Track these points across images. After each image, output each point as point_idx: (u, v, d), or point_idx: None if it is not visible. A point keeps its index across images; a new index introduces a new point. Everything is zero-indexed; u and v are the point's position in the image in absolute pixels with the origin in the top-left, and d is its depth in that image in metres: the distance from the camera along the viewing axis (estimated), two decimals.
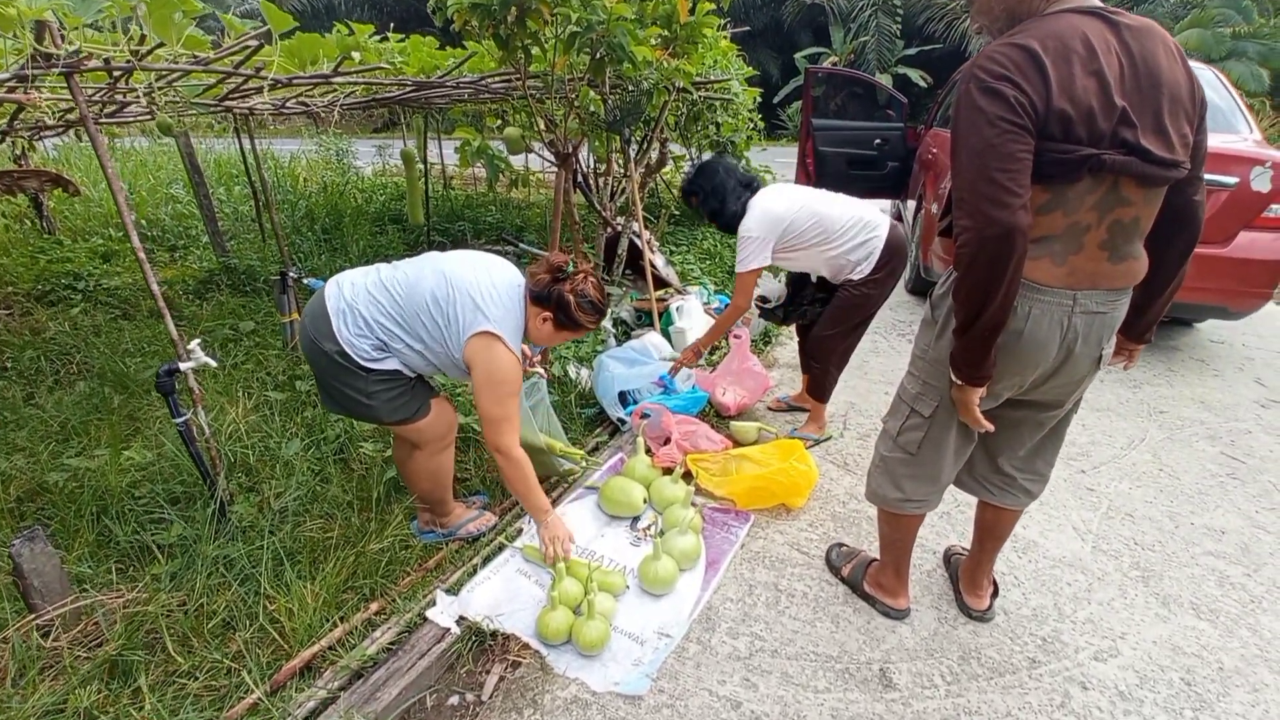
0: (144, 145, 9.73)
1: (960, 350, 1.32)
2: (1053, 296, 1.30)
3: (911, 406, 1.56)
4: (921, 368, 1.54)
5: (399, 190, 7.70)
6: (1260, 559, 2.14)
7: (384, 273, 1.80)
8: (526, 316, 1.81)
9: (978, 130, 1.17)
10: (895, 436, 1.62)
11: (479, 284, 1.73)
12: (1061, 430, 1.63)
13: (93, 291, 4.44)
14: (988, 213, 1.16)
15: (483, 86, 3.29)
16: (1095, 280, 1.29)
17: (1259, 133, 3.57)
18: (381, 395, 1.77)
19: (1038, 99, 1.14)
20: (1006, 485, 1.68)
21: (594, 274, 1.85)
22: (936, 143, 4.70)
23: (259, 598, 1.82)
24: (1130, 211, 1.25)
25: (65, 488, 2.24)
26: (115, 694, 1.56)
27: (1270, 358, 3.87)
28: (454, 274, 1.74)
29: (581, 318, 1.80)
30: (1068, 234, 1.26)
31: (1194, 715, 1.58)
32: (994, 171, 1.15)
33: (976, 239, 1.19)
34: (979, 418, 1.39)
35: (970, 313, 1.25)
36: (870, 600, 1.88)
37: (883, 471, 1.68)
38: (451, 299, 1.71)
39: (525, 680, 1.63)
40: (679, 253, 5.08)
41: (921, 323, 1.54)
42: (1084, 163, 1.17)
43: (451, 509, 2.11)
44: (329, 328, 1.71)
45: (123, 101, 2.81)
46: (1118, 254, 1.29)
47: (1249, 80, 12.45)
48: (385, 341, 1.73)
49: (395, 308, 1.73)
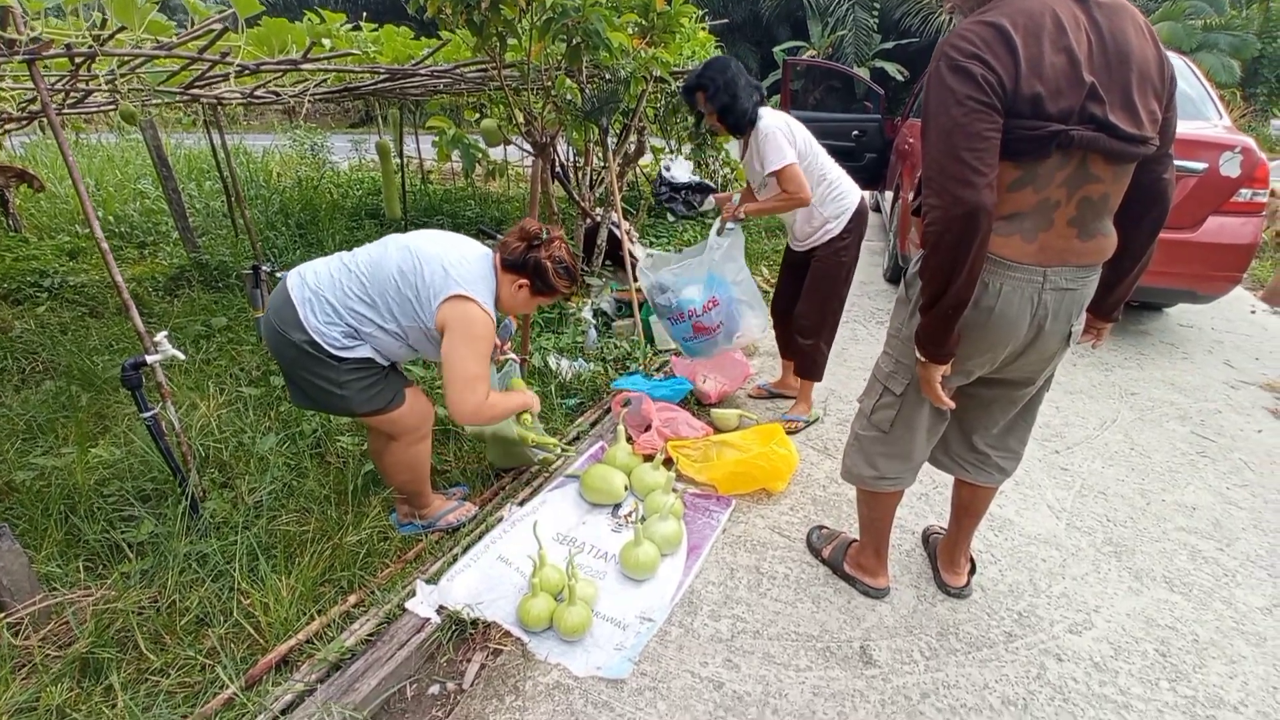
0: (110, 141, 9.50)
1: (924, 327, 1.34)
2: (1023, 273, 1.31)
3: (884, 385, 1.58)
4: (895, 346, 1.55)
5: (375, 184, 7.59)
6: (1233, 534, 2.19)
7: (345, 259, 1.77)
8: (499, 285, 1.81)
9: (946, 109, 1.18)
10: (869, 415, 1.64)
11: (446, 254, 1.73)
12: (1033, 408, 1.65)
13: (59, 289, 4.32)
14: (954, 192, 1.17)
15: (458, 75, 3.25)
16: (1065, 257, 1.31)
17: (1229, 120, 3.65)
18: (354, 384, 1.74)
19: (1007, 76, 1.15)
20: (981, 463, 1.70)
21: (565, 240, 1.87)
22: (913, 133, 4.73)
23: (233, 593, 1.79)
24: (1099, 188, 1.26)
25: (32, 486, 2.19)
26: (87, 692, 1.52)
27: (1239, 340, 3.96)
28: (419, 248, 1.73)
29: (557, 282, 1.83)
30: (1038, 211, 1.27)
31: (1170, 686, 1.61)
32: (961, 150, 1.16)
33: (943, 217, 1.20)
34: (940, 394, 1.41)
35: (935, 290, 1.27)
36: (851, 580, 1.89)
37: (857, 450, 1.70)
38: (418, 270, 1.69)
39: (506, 667, 1.62)
40: (659, 244, 5.07)
41: (896, 302, 1.56)
42: (1053, 139, 1.18)
43: (430, 500, 2.09)
44: (296, 317, 1.67)
45: (86, 90, 2.73)
46: (1087, 231, 1.30)
47: (1220, 72, 12.71)
48: (355, 327, 1.71)
49: (362, 289, 1.70)
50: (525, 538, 1.96)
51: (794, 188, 2.35)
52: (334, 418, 2.58)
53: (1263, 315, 4.44)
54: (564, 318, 3.70)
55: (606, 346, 3.41)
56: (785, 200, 2.41)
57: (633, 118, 3.88)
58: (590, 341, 3.43)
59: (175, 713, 1.47)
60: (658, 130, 5.91)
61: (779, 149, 2.32)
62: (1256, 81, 14.75)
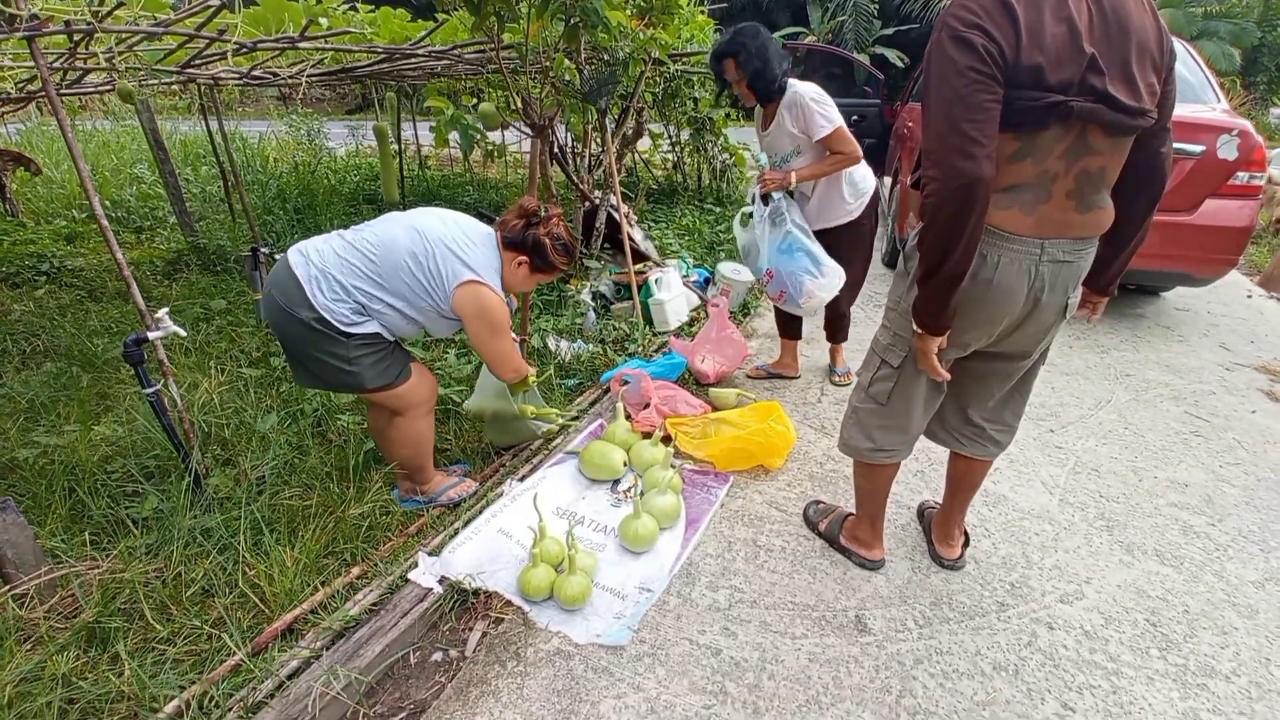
0: (106, 127, 9.44)
1: (921, 299, 1.34)
2: (1021, 245, 1.31)
3: (882, 358, 1.59)
4: (893, 319, 1.56)
5: (373, 170, 7.57)
6: (1224, 509, 2.21)
7: (348, 236, 1.78)
8: (501, 264, 1.85)
9: (947, 80, 1.18)
10: (867, 387, 1.65)
11: (452, 236, 1.77)
12: (1029, 382, 1.67)
13: (57, 273, 4.33)
14: (953, 163, 1.18)
15: (455, 57, 3.24)
16: (1062, 229, 1.31)
17: (1227, 103, 3.64)
18: (364, 360, 1.76)
19: (1007, 46, 1.15)
20: (976, 436, 1.72)
21: (563, 217, 1.91)
22: (912, 118, 4.72)
23: (238, 565, 1.81)
24: (1097, 161, 1.27)
25: (36, 464, 2.20)
26: (94, 660, 1.55)
27: (1234, 323, 3.98)
28: (426, 228, 1.75)
29: (555, 259, 1.88)
30: (1037, 183, 1.27)
31: (1160, 654, 1.64)
32: (962, 122, 1.16)
33: (941, 189, 1.20)
34: (937, 366, 1.42)
35: (933, 262, 1.27)
36: (846, 553, 1.92)
37: (854, 422, 1.71)
38: (430, 253, 1.73)
39: (508, 635, 1.65)
40: (657, 228, 5.07)
41: (895, 275, 1.57)
42: (1052, 110, 1.18)
43: (431, 476, 2.12)
44: (303, 295, 1.68)
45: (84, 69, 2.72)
46: (1085, 203, 1.31)
47: (1220, 60, 12.64)
48: (364, 304, 1.73)
49: (372, 268, 1.72)
50: (526, 511, 1.98)
51: (850, 148, 2.38)
52: (335, 397, 2.59)
53: (1259, 299, 4.46)
54: (563, 300, 3.70)
55: (605, 328, 3.43)
56: (839, 161, 2.42)
57: (631, 100, 3.87)
58: (589, 323, 3.44)
59: (183, 679, 1.49)
60: (656, 115, 5.89)
61: (826, 112, 2.33)
62: (1256, 70, 14.68)
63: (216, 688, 1.46)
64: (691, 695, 1.50)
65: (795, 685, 1.53)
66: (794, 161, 2.52)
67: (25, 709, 1.37)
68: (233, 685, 1.47)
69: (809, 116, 2.35)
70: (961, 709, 1.48)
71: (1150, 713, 1.48)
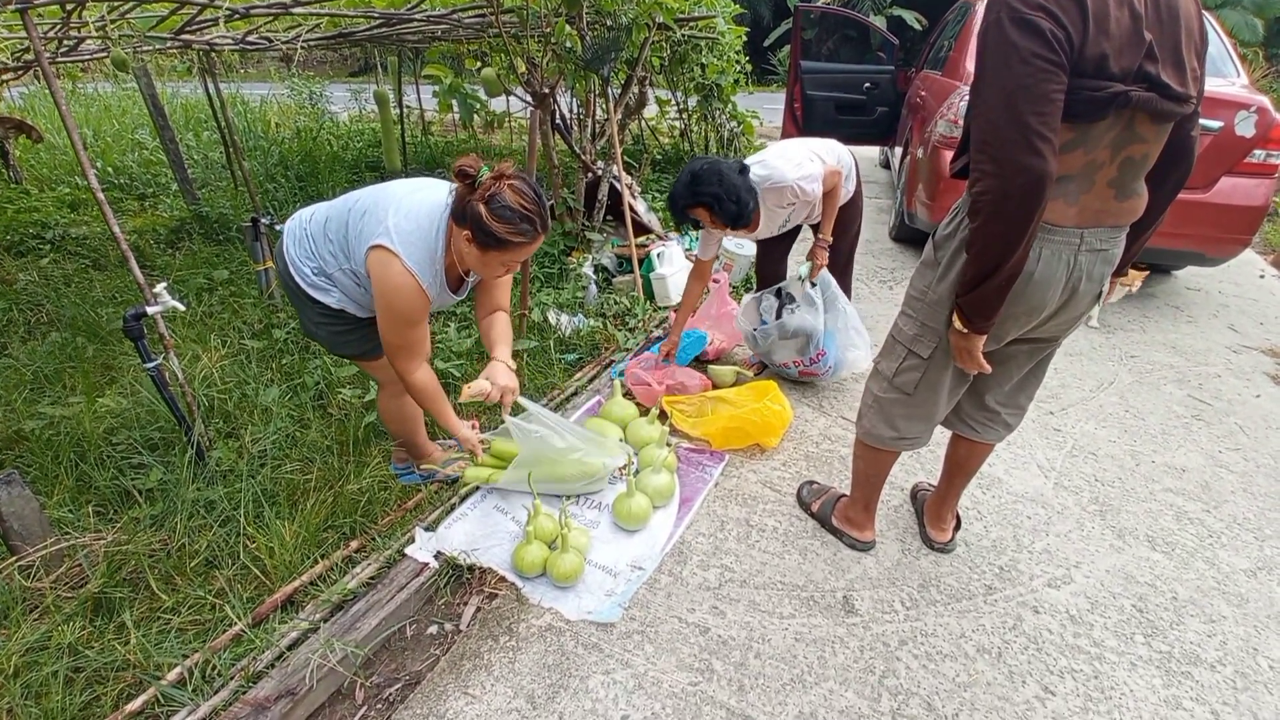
0: (107, 90, 9.33)
1: (974, 301, 1.28)
2: (1062, 236, 1.27)
3: (908, 348, 1.54)
4: (919, 309, 1.50)
5: (376, 136, 7.47)
6: (1221, 496, 2.21)
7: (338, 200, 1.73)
8: (449, 239, 1.59)
9: (1009, 67, 1.09)
10: (891, 378, 1.60)
11: (400, 199, 1.58)
12: (1045, 364, 1.64)
13: (61, 241, 4.33)
14: (1018, 159, 1.10)
15: (455, 21, 3.16)
16: (1101, 218, 1.27)
17: (1247, 78, 3.52)
18: (325, 328, 1.78)
19: (1075, 32, 1.07)
20: (989, 420, 1.69)
21: (518, 177, 1.50)
22: (926, 86, 4.60)
23: (240, 538, 1.85)
24: (1142, 148, 1.23)
25: (42, 435, 2.24)
26: (100, 630, 1.60)
27: (1245, 304, 3.92)
28: (388, 189, 1.64)
29: (500, 229, 1.46)
30: (1082, 173, 1.23)
31: (1145, 641, 1.66)
32: (1027, 115, 1.08)
33: (1001, 187, 1.13)
34: (982, 362, 1.38)
35: (988, 263, 1.21)
36: (838, 534, 1.94)
37: (877, 412, 1.67)
38: (369, 211, 1.59)
39: (501, 610, 1.69)
40: (662, 199, 5.00)
41: (921, 264, 1.50)
42: (1113, 100, 1.12)
43: (428, 451, 2.14)
44: (283, 249, 1.74)
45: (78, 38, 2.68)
46: (1124, 191, 1.27)
47: (1243, 30, 12.19)
48: (324, 268, 1.69)
49: (331, 228, 1.67)
50: (520, 488, 2.00)
51: (836, 178, 2.37)
52: (334, 369, 2.61)
53: (1271, 280, 4.38)
54: (564, 273, 3.68)
55: (606, 302, 3.41)
56: (835, 194, 2.41)
57: (635, 67, 3.78)
58: (590, 297, 3.43)
59: (186, 647, 1.54)
60: (663, 81, 5.76)
61: (808, 177, 2.27)
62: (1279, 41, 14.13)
63: (218, 656, 1.51)
64: (679, 672, 1.53)
65: (781, 664, 1.56)
66: (792, 221, 2.51)
67: (31, 678, 1.43)
68: (234, 654, 1.52)
69: (802, 192, 2.29)
70: (943, 690, 1.51)
71: (1131, 698, 1.51)
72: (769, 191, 2.29)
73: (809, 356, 2.59)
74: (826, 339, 2.58)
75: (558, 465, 1.95)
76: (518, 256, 1.57)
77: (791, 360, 2.65)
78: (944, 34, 5.12)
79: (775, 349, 2.65)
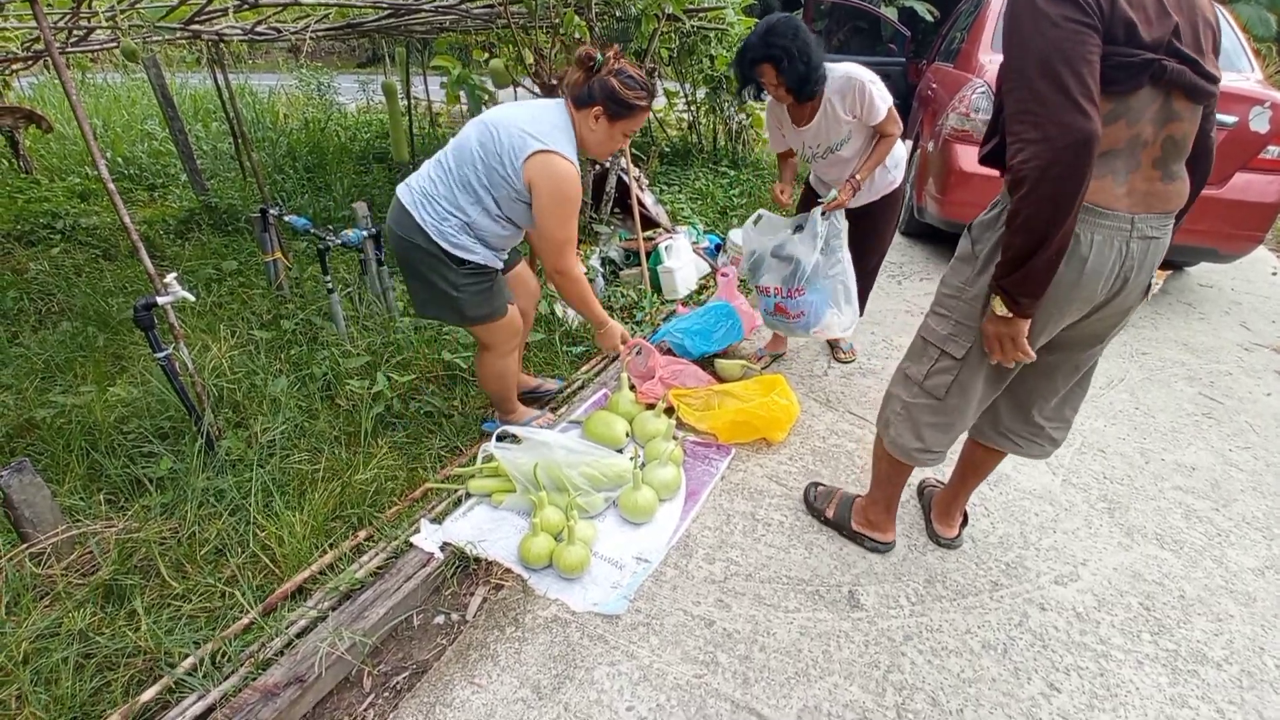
0: (117, 80, 9.36)
1: (1021, 280, 1.21)
2: (1113, 221, 1.23)
3: (941, 349, 1.47)
4: (954, 307, 1.43)
5: (383, 127, 7.47)
6: (1230, 495, 2.20)
7: (438, 157, 1.87)
8: (578, 128, 1.79)
9: (1041, 33, 1.09)
10: (921, 381, 1.53)
11: (518, 116, 1.76)
12: (1091, 373, 1.57)
13: (72, 231, 4.36)
14: (1061, 119, 1.07)
15: (464, 12, 3.15)
16: (1150, 203, 1.24)
17: (1261, 73, 3.48)
18: (470, 288, 1.88)
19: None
20: (1034, 436, 1.63)
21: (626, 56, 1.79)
22: (938, 78, 4.55)
23: (249, 527, 1.86)
24: (1181, 127, 1.21)
25: (53, 424, 2.26)
26: (111, 616, 1.61)
27: (1257, 302, 3.88)
28: (492, 119, 1.77)
29: (630, 96, 1.74)
30: (1128, 149, 1.20)
31: (1152, 639, 1.66)
32: (1066, 75, 1.07)
33: (1047, 151, 1.09)
34: (1027, 348, 1.32)
35: (1034, 238, 1.15)
36: (858, 538, 1.89)
37: (905, 419, 1.59)
38: (495, 137, 1.73)
39: (508, 601, 1.70)
40: (669, 192, 4.98)
41: (956, 259, 1.44)
42: (1147, 67, 1.12)
43: (516, 407, 2.34)
44: (413, 221, 1.81)
45: (88, 28, 2.69)
46: (1169, 173, 1.24)
47: (1257, 25, 11.98)
48: (463, 219, 1.81)
49: (455, 177, 1.80)
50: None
51: (898, 127, 2.27)
52: (342, 361, 2.62)
53: None
54: None
55: (613, 295, 3.41)
56: (889, 144, 2.28)
57: (644, 58, 3.76)
58: (597, 289, 3.42)
59: (197, 634, 1.56)
60: (671, 72, 5.73)
61: (883, 92, 2.17)
62: None
63: (229, 644, 1.52)
64: (683, 664, 1.54)
65: (785, 657, 1.57)
66: (844, 150, 2.34)
67: (42, 664, 1.44)
68: (244, 642, 1.54)
69: (869, 100, 2.15)
70: (947, 685, 1.51)
71: (1137, 696, 1.50)
72: (838, 91, 2.18)
73: (790, 288, 2.48)
74: (812, 289, 2.47)
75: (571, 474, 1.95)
76: (636, 123, 1.82)
77: (773, 287, 2.54)
78: (956, 26, 5.07)
79: (764, 268, 2.57)
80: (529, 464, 1.90)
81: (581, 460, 1.95)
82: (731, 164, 6.12)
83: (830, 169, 2.46)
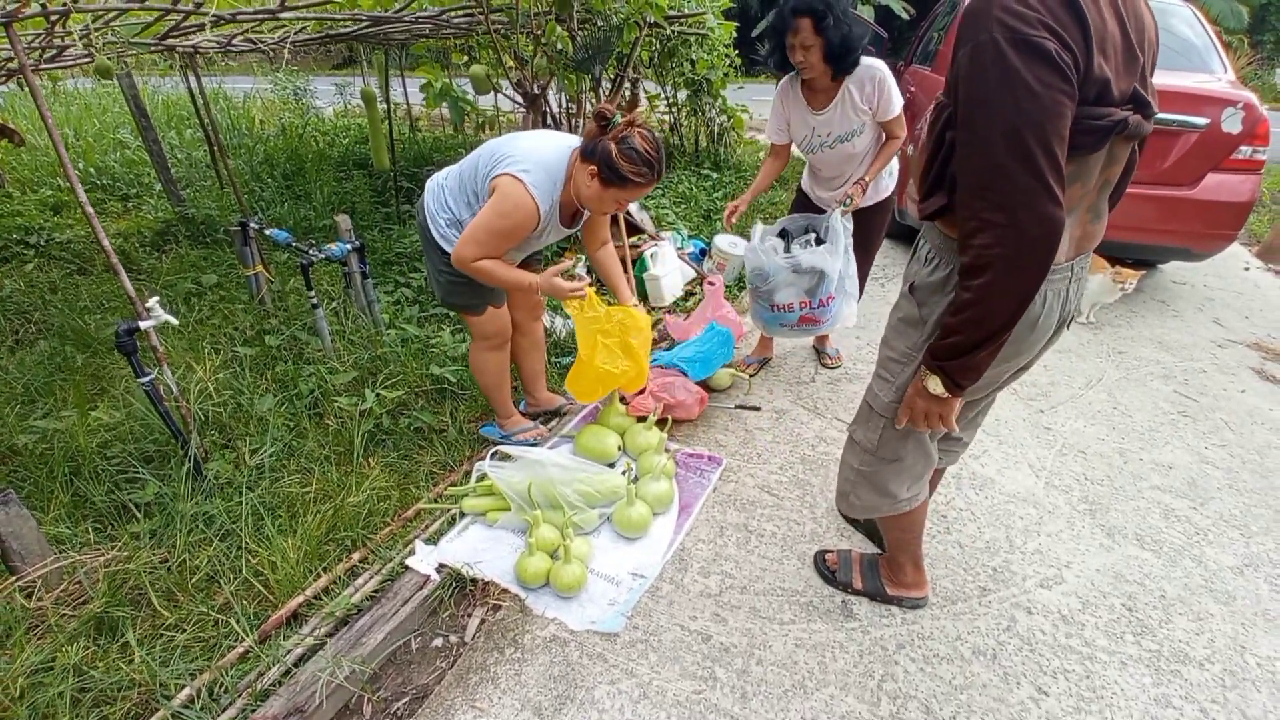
0: (87, 87, 9.15)
1: (960, 367, 1.13)
2: (1061, 274, 1.18)
3: (887, 417, 1.40)
4: (899, 372, 1.34)
5: (362, 132, 7.38)
6: (1208, 493, 2.26)
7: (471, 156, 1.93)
8: (572, 174, 1.82)
9: (1015, 101, 0.93)
10: (874, 450, 1.45)
11: (522, 142, 1.83)
12: None
13: (45, 246, 4.26)
14: (1034, 206, 0.95)
15: (443, 21, 3.13)
16: (1083, 246, 1.20)
17: (1233, 72, 3.56)
18: (445, 275, 1.97)
19: (1080, 54, 0.94)
20: (951, 449, 1.64)
21: (645, 126, 1.73)
22: (915, 80, 4.60)
23: (241, 552, 1.85)
24: (1117, 170, 1.16)
25: (35, 449, 2.22)
26: (104, 649, 1.60)
27: (1230, 298, 3.98)
28: (509, 138, 1.86)
29: (626, 168, 1.69)
30: (1078, 207, 1.13)
31: (1135, 640, 1.70)
32: (1039, 156, 0.94)
33: (1015, 239, 0.98)
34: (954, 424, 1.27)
35: (988, 331, 1.07)
36: (897, 601, 1.77)
37: (866, 485, 1.51)
38: (494, 151, 1.82)
39: (506, 622, 1.71)
40: (653, 197, 4.99)
41: (900, 320, 1.34)
42: (1114, 128, 1.01)
43: (510, 413, 2.39)
44: (424, 205, 1.97)
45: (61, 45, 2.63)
46: (1098, 214, 1.21)
47: (1228, 17, 12.25)
48: (456, 218, 1.91)
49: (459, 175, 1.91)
50: None
51: (905, 130, 2.29)
52: (329, 378, 2.60)
53: (1256, 272, 4.45)
54: None
55: None
56: (895, 145, 2.31)
57: (626, 66, 3.76)
58: None
59: (191, 665, 1.55)
60: (652, 75, 5.73)
61: (895, 93, 2.17)
62: (1264, 29, 14.25)
63: (225, 675, 1.51)
64: (682, 680, 1.56)
65: (782, 670, 1.59)
66: (854, 144, 2.32)
67: (38, 699, 1.42)
68: (241, 672, 1.53)
69: (887, 94, 2.14)
70: (940, 692, 1.55)
71: (1122, 698, 1.55)
72: (857, 79, 2.16)
73: (819, 299, 2.40)
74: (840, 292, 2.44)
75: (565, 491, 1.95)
76: (632, 196, 1.79)
77: (798, 302, 2.45)
78: (933, 26, 5.12)
79: (780, 288, 2.45)
80: (523, 482, 1.91)
81: (575, 477, 1.96)
82: (714, 166, 6.15)
83: (832, 163, 2.45)
